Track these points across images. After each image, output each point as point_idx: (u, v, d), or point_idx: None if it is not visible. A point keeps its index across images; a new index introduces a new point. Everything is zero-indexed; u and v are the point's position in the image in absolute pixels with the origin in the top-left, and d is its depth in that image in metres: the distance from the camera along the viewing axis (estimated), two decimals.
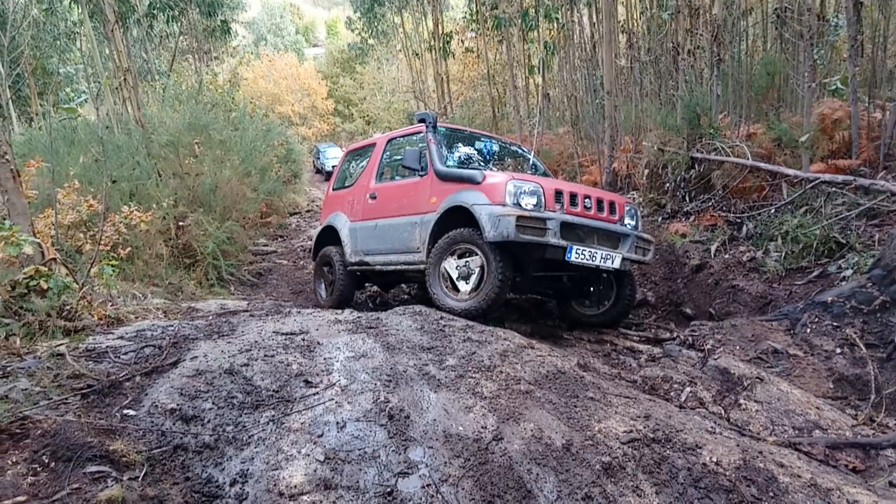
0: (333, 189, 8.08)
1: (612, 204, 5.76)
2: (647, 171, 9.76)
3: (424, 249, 5.88)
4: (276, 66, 41.96)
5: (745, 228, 7.70)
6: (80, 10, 13.95)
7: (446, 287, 5.49)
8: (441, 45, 19.13)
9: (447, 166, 6.07)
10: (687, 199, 8.96)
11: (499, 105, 19.09)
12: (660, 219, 9.00)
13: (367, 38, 28.83)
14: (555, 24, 14.79)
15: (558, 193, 5.35)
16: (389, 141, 7.21)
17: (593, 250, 5.21)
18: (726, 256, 7.38)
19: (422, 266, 5.86)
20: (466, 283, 5.37)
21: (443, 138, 6.64)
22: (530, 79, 17.47)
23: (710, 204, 8.53)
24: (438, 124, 6.67)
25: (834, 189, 7.07)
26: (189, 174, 9.95)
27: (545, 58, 15.21)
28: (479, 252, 5.26)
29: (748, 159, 8.07)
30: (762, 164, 7.99)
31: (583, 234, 5.33)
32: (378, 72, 35.36)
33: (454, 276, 5.47)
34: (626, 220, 5.85)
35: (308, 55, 54.72)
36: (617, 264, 5.38)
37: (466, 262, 5.41)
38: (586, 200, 5.53)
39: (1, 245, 4.45)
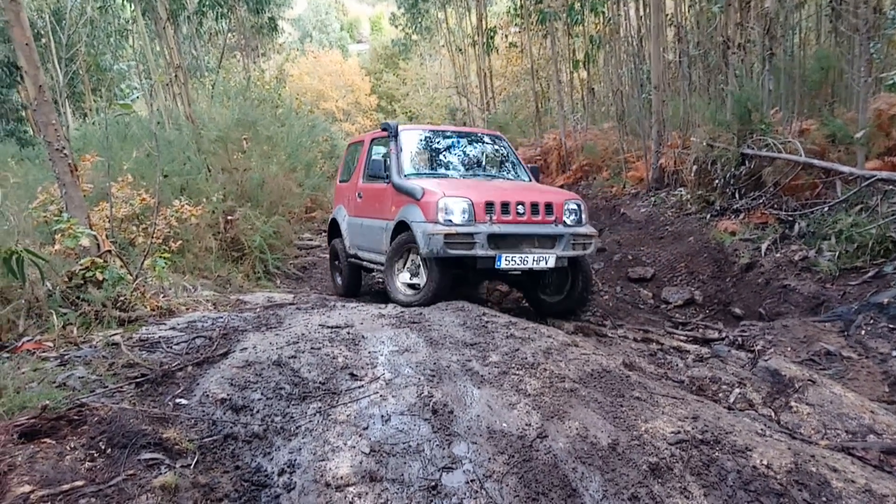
0: (340, 181, 8.33)
1: (548, 206, 5.85)
2: (695, 168, 9.56)
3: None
4: (321, 63, 42.33)
5: (797, 227, 7.49)
6: (132, 8, 14.27)
7: (398, 283, 5.97)
8: (485, 40, 18.98)
9: (407, 176, 6.28)
10: (736, 196, 8.75)
11: (542, 100, 18.88)
12: (708, 216, 8.81)
13: (410, 34, 28.83)
14: (601, 18, 14.57)
15: (489, 205, 5.56)
16: (373, 140, 7.35)
17: (524, 255, 5.52)
18: (777, 255, 7.20)
19: None
20: (414, 280, 5.88)
21: (421, 142, 6.97)
22: (575, 73, 17.25)
23: (761, 201, 8.32)
24: (404, 127, 6.93)
25: (890, 187, 6.83)
26: (237, 169, 10.16)
27: (591, 52, 15.03)
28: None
29: (801, 156, 7.84)
30: (815, 161, 7.76)
31: (515, 240, 5.61)
32: (421, 67, 35.35)
33: (404, 273, 5.98)
34: (566, 219, 5.92)
35: (352, 51, 55.04)
36: (552, 264, 5.62)
37: (413, 261, 5.91)
38: (519, 207, 5.69)
39: (59, 237, 4.62)
